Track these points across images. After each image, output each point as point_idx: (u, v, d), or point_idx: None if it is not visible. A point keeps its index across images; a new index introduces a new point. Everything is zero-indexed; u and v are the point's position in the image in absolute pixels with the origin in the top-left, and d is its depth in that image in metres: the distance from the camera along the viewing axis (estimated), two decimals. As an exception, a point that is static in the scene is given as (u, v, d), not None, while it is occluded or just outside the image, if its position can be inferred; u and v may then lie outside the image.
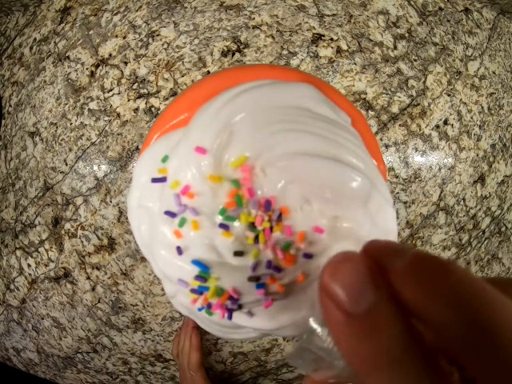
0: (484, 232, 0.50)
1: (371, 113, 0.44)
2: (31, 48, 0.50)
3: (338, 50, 0.44)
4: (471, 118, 0.47)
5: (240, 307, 0.19)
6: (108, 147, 0.46)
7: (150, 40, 0.45)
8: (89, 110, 0.46)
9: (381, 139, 0.45)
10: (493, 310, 0.09)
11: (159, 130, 0.21)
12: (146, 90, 0.45)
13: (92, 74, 0.46)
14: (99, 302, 0.50)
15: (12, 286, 0.54)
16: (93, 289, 0.50)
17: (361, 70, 0.44)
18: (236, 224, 0.18)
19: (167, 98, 0.45)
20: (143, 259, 0.48)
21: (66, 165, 0.47)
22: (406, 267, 0.10)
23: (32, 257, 0.51)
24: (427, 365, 0.09)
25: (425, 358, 0.09)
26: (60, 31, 0.48)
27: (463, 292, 0.09)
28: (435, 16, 0.46)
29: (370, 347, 0.10)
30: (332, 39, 0.44)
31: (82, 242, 0.48)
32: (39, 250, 0.50)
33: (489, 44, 0.49)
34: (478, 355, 0.09)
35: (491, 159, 0.49)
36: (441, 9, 0.47)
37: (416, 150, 0.45)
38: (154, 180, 0.19)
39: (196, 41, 0.44)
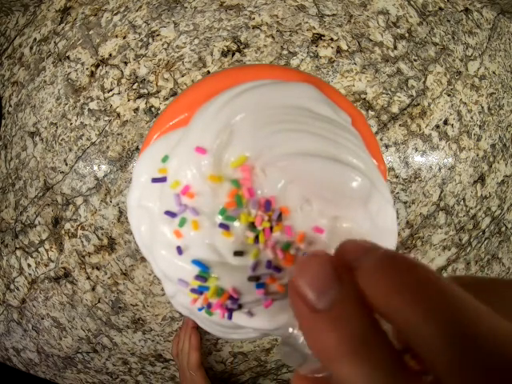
0: (484, 232, 0.50)
1: (371, 113, 0.44)
2: (31, 48, 0.50)
3: (338, 50, 0.44)
4: (471, 117, 0.47)
5: (240, 307, 0.19)
6: (108, 147, 0.46)
7: (150, 40, 0.45)
8: (89, 110, 0.46)
9: (381, 139, 0.45)
10: (458, 307, 0.09)
11: (159, 130, 0.21)
12: (145, 90, 0.45)
13: (92, 74, 0.46)
14: (99, 302, 0.50)
15: (12, 286, 0.54)
16: (93, 289, 0.50)
17: (361, 70, 0.44)
18: (236, 224, 0.18)
19: (167, 98, 0.45)
20: (143, 259, 0.48)
21: (66, 165, 0.47)
22: (372, 265, 0.10)
23: (32, 257, 0.51)
24: (390, 359, 0.09)
25: (387, 351, 0.10)
26: (60, 31, 0.48)
27: (428, 290, 0.09)
28: (435, 16, 0.46)
29: (332, 339, 0.10)
30: (332, 39, 0.44)
31: (81, 241, 0.48)
32: (39, 249, 0.50)
33: (489, 44, 0.49)
34: (443, 354, 0.09)
35: (491, 159, 0.49)
36: (441, 9, 0.47)
37: (416, 150, 0.45)
38: (154, 180, 0.19)
39: (196, 41, 0.44)
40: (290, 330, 0.14)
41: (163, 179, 0.19)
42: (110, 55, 0.46)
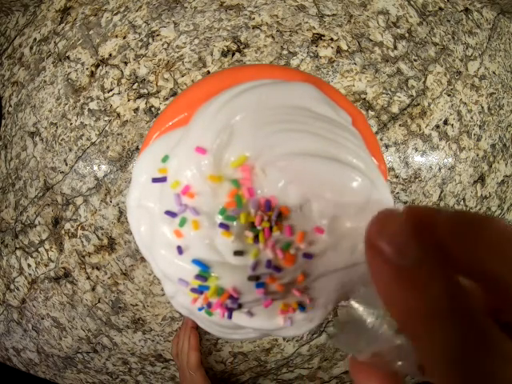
0: (484, 232, 0.50)
1: (371, 113, 0.44)
2: (31, 48, 0.50)
3: (338, 50, 0.44)
4: (471, 117, 0.47)
5: (240, 306, 0.19)
6: (108, 147, 0.46)
7: (150, 40, 0.45)
8: (89, 110, 0.46)
9: (381, 139, 0.45)
10: None
11: (158, 130, 0.21)
12: (145, 90, 0.45)
13: (92, 74, 0.46)
14: (99, 301, 0.50)
15: (12, 286, 0.54)
16: (93, 289, 0.50)
17: (361, 70, 0.44)
18: (236, 224, 0.18)
19: (167, 98, 0.45)
20: (143, 259, 0.48)
21: (66, 165, 0.47)
22: (451, 221, 0.10)
23: (32, 257, 0.51)
24: (473, 321, 0.09)
25: (471, 314, 0.09)
26: (60, 31, 0.48)
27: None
28: (435, 16, 0.46)
29: (416, 299, 0.10)
30: (332, 39, 0.44)
31: (81, 241, 0.48)
32: (39, 249, 0.50)
33: (489, 44, 0.49)
34: None
35: (491, 159, 0.49)
36: (441, 9, 0.47)
37: (416, 150, 0.45)
38: (155, 180, 0.19)
39: (196, 41, 0.44)
40: (355, 306, 0.13)
41: (163, 179, 0.19)
42: (110, 55, 0.46)
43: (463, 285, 0.10)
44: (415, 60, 0.45)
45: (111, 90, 0.46)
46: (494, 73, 0.48)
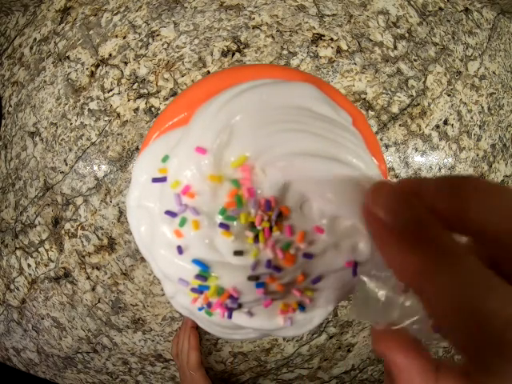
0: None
1: (371, 113, 0.44)
2: (31, 48, 0.50)
3: (338, 50, 0.44)
4: (471, 118, 0.47)
5: (240, 306, 0.19)
6: (108, 147, 0.46)
7: (150, 40, 0.45)
8: (89, 110, 0.46)
9: (381, 139, 0.45)
10: None
11: (158, 130, 0.21)
12: (145, 90, 0.45)
13: (92, 74, 0.46)
14: (99, 301, 0.50)
15: (12, 286, 0.54)
16: (93, 289, 0.50)
17: (361, 70, 0.44)
18: (236, 224, 0.18)
19: (167, 98, 0.45)
20: (143, 259, 0.48)
21: (66, 165, 0.47)
22: (436, 184, 0.11)
23: (32, 257, 0.51)
24: (471, 269, 0.10)
25: (468, 263, 0.10)
26: (60, 31, 0.48)
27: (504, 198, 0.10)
28: (435, 16, 0.46)
29: (414, 256, 0.10)
30: (332, 39, 0.44)
31: (81, 241, 0.48)
32: (39, 249, 0.50)
33: (489, 44, 0.49)
34: None
35: (491, 159, 0.49)
36: (441, 9, 0.47)
37: (416, 150, 0.45)
38: (155, 180, 0.19)
39: (196, 41, 0.44)
40: (365, 279, 0.14)
41: (163, 179, 0.19)
42: (110, 55, 0.46)
43: (457, 240, 0.11)
44: (415, 60, 0.45)
45: (111, 90, 0.46)
46: (493, 73, 0.48)
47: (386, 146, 0.45)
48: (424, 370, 0.12)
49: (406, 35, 0.45)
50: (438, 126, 0.46)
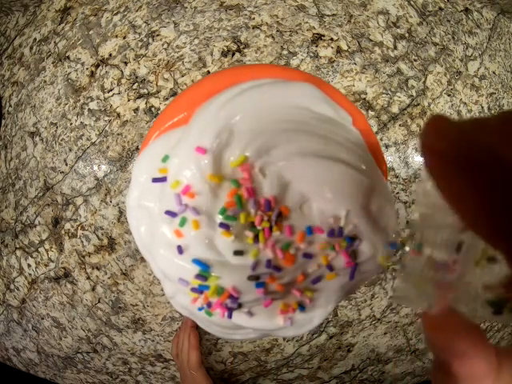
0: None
1: (371, 113, 0.44)
2: (31, 48, 0.50)
3: (338, 50, 0.44)
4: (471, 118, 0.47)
5: (240, 306, 0.19)
6: (108, 147, 0.46)
7: (150, 40, 0.45)
8: (89, 110, 0.46)
9: (381, 139, 0.45)
10: None
11: (158, 129, 0.21)
12: (145, 90, 0.45)
13: (92, 74, 0.46)
14: (99, 301, 0.50)
15: (12, 286, 0.54)
16: (93, 289, 0.50)
17: (361, 70, 0.44)
18: (236, 223, 0.18)
19: (167, 98, 0.45)
20: (143, 259, 0.48)
21: (66, 165, 0.47)
22: (499, 122, 0.10)
23: (32, 257, 0.51)
24: None
25: None
26: (60, 31, 0.48)
27: None
28: (435, 16, 0.46)
29: (473, 188, 0.09)
30: (332, 39, 0.44)
31: (81, 241, 0.48)
32: (39, 249, 0.50)
33: (489, 44, 0.49)
34: None
35: (491, 159, 0.48)
36: (441, 9, 0.47)
37: (416, 150, 0.45)
38: (155, 180, 0.19)
39: (196, 41, 0.44)
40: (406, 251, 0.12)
41: (163, 179, 0.19)
42: (110, 55, 0.46)
43: None
44: (415, 60, 0.45)
45: (111, 90, 0.46)
46: (494, 73, 0.48)
47: (386, 146, 0.45)
48: (486, 355, 0.11)
49: (406, 35, 0.45)
50: (438, 126, 0.46)
